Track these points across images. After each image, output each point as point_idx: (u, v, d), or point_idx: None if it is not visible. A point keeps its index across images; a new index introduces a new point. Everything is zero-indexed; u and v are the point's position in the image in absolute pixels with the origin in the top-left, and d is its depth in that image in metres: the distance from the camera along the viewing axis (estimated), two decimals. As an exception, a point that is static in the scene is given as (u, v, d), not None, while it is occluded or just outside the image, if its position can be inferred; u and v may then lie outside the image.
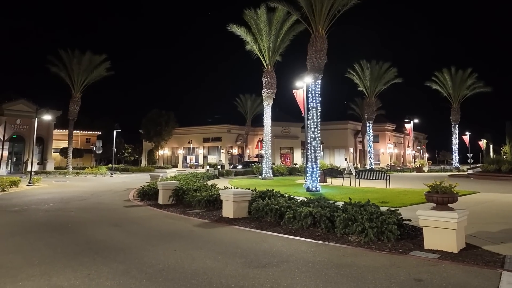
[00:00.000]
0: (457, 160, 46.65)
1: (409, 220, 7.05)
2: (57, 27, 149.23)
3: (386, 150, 63.49)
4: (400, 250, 6.02)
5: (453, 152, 47.12)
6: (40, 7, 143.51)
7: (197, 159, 56.75)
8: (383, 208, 7.39)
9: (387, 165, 52.85)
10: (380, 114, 54.05)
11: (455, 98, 45.62)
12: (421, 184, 13.38)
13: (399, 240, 6.49)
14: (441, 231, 5.85)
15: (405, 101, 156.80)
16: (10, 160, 35.62)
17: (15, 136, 33.24)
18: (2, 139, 18.86)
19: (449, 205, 6.08)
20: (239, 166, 36.49)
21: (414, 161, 57.65)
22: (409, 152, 70.45)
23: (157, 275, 4.86)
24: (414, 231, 7.05)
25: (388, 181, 17.18)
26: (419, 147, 78.68)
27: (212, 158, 55.36)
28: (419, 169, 40.03)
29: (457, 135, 46.49)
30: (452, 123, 46.12)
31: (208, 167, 37.41)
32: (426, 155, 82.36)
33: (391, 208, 7.36)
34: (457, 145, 46.67)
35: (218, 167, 37.55)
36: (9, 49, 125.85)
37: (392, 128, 66.88)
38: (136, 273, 4.97)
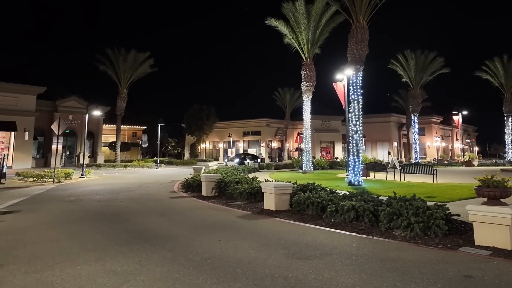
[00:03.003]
0: (510, 153, 43.69)
1: (458, 215, 6.79)
2: (106, 32, 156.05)
3: (433, 144, 60.90)
4: (449, 245, 5.83)
5: (506, 145, 44.20)
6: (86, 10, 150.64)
7: (237, 153, 57.47)
8: (429, 203, 7.17)
9: (434, 159, 50.70)
10: (426, 106, 51.82)
11: (507, 88, 42.69)
12: (471, 179, 12.80)
13: (447, 236, 6.28)
14: (493, 227, 5.60)
15: (454, 92, 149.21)
16: (63, 154, 37.93)
17: (68, 131, 35.36)
18: (57, 133, 20.12)
19: (502, 200, 5.80)
20: (236, 160, 36.27)
21: (463, 155, 54.77)
22: (458, 145, 67.00)
23: (204, 264, 5.05)
24: (463, 227, 6.79)
25: (435, 175, 16.53)
26: (468, 140, 74.60)
27: (252, 152, 55.78)
28: (468, 163, 38.05)
29: (510, 127, 43.58)
30: (505, 114, 43.28)
31: (248, 160, 37.77)
32: (476, 149, 78.07)
33: (439, 203, 7.11)
34: (510, 138, 43.69)
35: (258, 160, 37.79)
36: (61, 51, 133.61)
37: (439, 121, 63.96)
38: (183, 261, 5.19)
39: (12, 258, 5.32)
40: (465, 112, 49.08)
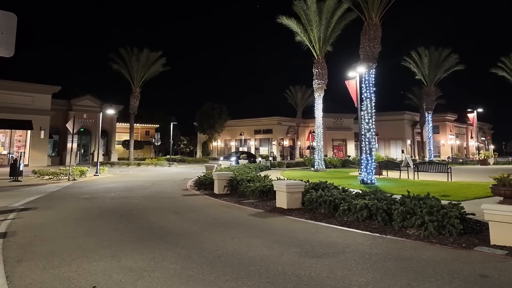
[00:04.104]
0: (527, 152, 42.87)
1: (473, 214, 6.71)
2: (116, 29, 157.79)
3: (447, 142, 60.02)
4: (463, 245, 5.76)
5: (523, 143, 43.35)
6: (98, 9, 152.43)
7: (249, 151, 57.52)
8: (444, 202, 7.10)
9: (448, 157, 49.91)
10: (440, 104, 51.08)
11: (525, 85, 41.78)
12: (486, 177, 12.61)
13: (462, 235, 6.21)
14: (510, 226, 5.50)
15: (468, 90, 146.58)
16: (78, 152, 38.54)
17: (82, 130, 35.86)
18: (71, 132, 20.45)
19: (519, 199, 5.70)
20: (233, 158, 36.08)
21: (478, 153, 53.84)
22: (473, 143, 65.91)
23: (217, 261, 5.09)
24: (478, 226, 6.70)
25: (449, 173, 16.31)
26: (484, 138, 73.30)
27: (263, 150, 55.78)
28: (483, 161, 37.36)
29: (528, 125, 42.67)
30: (522, 112, 42.42)
31: (259, 159, 37.85)
32: (492, 147, 76.60)
33: (453, 202, 7.03)
34: (528, 136, 42.85)
35: (270, 158, 37.79)
36: (73, 51, 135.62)
37: (454, 118, 62.96)
38: (196, 258, 5.24)
39: (30, 254, 5.45)
40: (480, 110, 48.23)
